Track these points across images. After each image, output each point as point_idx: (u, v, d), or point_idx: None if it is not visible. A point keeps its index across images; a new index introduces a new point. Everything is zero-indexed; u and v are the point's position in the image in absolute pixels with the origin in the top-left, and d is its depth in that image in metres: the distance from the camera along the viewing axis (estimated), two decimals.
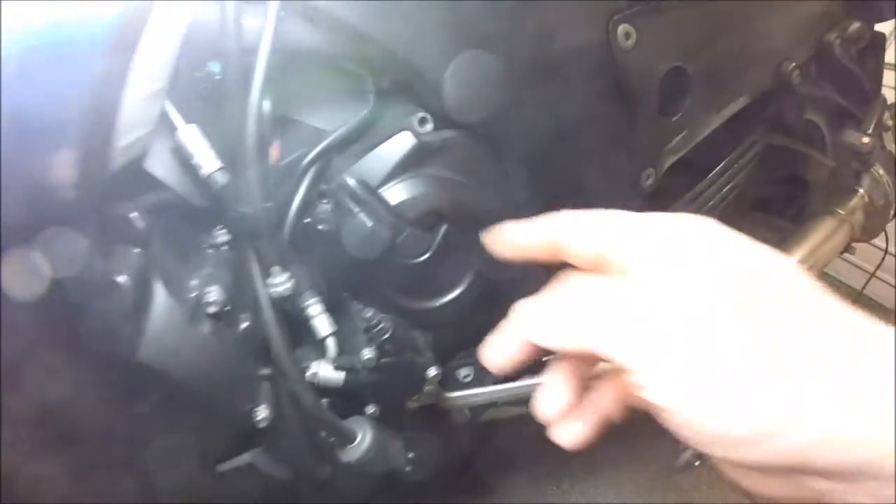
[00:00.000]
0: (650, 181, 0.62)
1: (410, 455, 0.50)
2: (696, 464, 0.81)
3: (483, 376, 0.58)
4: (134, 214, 0.36)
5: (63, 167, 0.29)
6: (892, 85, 1.09)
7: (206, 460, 0.42)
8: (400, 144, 0.45)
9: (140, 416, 0.38)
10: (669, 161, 0.64)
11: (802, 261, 0.75)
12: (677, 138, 0.63)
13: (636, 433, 0.32)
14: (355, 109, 0.45)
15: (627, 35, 0.53)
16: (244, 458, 0.43)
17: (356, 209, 0.44)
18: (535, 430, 0.36)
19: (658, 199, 0.66)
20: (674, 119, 0.61)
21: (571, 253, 0.27)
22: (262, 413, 0.42)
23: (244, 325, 0.41)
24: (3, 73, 0.25)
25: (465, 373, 0.58)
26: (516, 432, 0.77)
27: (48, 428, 0.36)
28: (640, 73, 0.55)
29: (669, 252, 0.25)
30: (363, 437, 0.45)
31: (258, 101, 0.37)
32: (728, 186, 0.74)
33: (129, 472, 0.40)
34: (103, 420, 0.37)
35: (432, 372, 0.48)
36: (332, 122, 0.45)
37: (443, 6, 0.42)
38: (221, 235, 0.42)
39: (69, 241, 0.32)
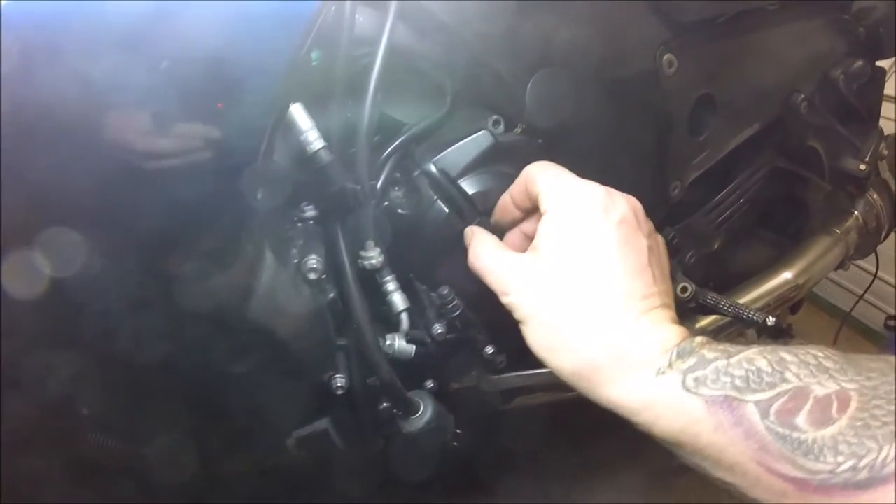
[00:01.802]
0: (676, 192, 0.69)
1: (458, 432, 0.55)
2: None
3: (514, 364, 0.63)
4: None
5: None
6: (891, 116, 1.20)
7: (285, 425, 0.46)
8: (478, 142, 0.50)
9: (236, 376, 0.41)
10: (693, 175, 0.71)
11: (801, 273, 0.83)
12: (701, 156, 0.71)
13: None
14: (433, 108, 0.51)
15: (671, 63, 0.61)
16: (321, 424, 0.47)
17: (435, 197, 0.49)
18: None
19: (681, 208, 0.73)
20: (700, 139, 0.69)
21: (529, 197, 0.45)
22: (340, 381, 0.46)
23: (331, 295, 0.45)
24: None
25: (500, 359, 0.62)
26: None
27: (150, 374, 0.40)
28: (677, 97, 0.64)
29: (561, 227, 0.42)
30: (425, 409, 0.49)
31: (375, 91, 0.41)
32: (740, 202, 0.82)
33: (214, 431, 0.43)
34: (201, 377, 0.41)
35: (489, 350, 0.53)
36: (411, 116, 0.51)
37: (531, 28, 0.48)
38: (309, 210, 0.47)
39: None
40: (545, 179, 0.45)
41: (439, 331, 0.48)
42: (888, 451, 0.31)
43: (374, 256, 0.44)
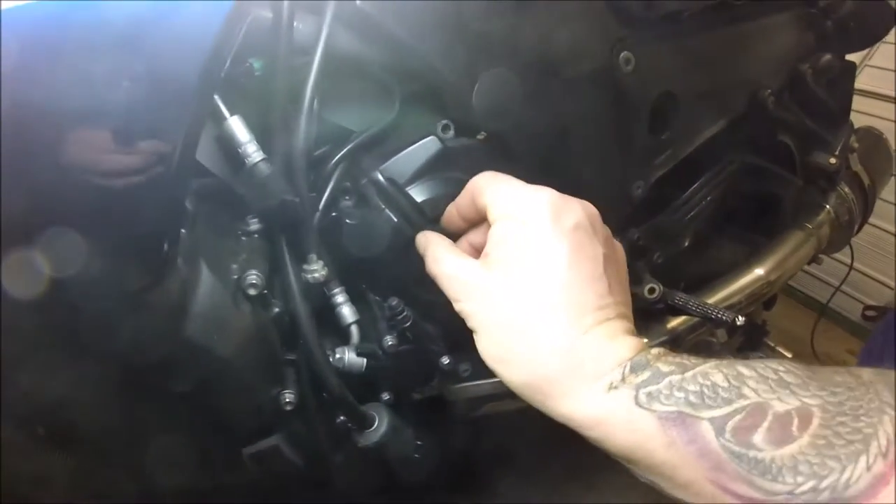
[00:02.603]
0: (640, 191, 0.69)
1: (419, 443, 0.55)
2: None
3: (481, 371, 0.63)
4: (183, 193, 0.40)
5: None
6: (890, 117, 1.21)
7: (234, 442, 0.45)
8: (426, 148, 0.50)
9: (178, 395, 0.41)
10: (657, 174, 0.71)
11: (773, 269, 0.83)
12: (664, 155, 0.71)
13: None
14: (381, 114, 0.50)
15: (628, 61, 0.60)
16: (270, 440, 0.47)
17: (383, 206, 0.48)
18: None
19: (647, 207, 0.73)
20: (662, 137, 0.69)
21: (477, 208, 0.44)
22: (288, 396, 0.46)
23: (275, 310, 0.45)
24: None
25: (464, 367, 0.62)
26: (515, 432, 0.82)
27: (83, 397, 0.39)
28: (635, 95, 0.63)
29: (508, 238, 0.41)
30: (380, 422, 0.49)
31: (311, 100, 0.41)
32: (707, 200, 0.82)
33: (161, 450, 0.43)
34: (142, 396, 0.41)
35: (445, 360, 0.53)
36: (359, 123, 0.50)
37: (474, 28, 0.48)
38: (254, 224, 0.46)
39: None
40: (493, 190, 0.43)
41: (390, 343, 0.48)
42: (851, 471, 0.30)
43: (317, 270, 0.44)
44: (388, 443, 0.49)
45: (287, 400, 0.45)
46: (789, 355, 1.16)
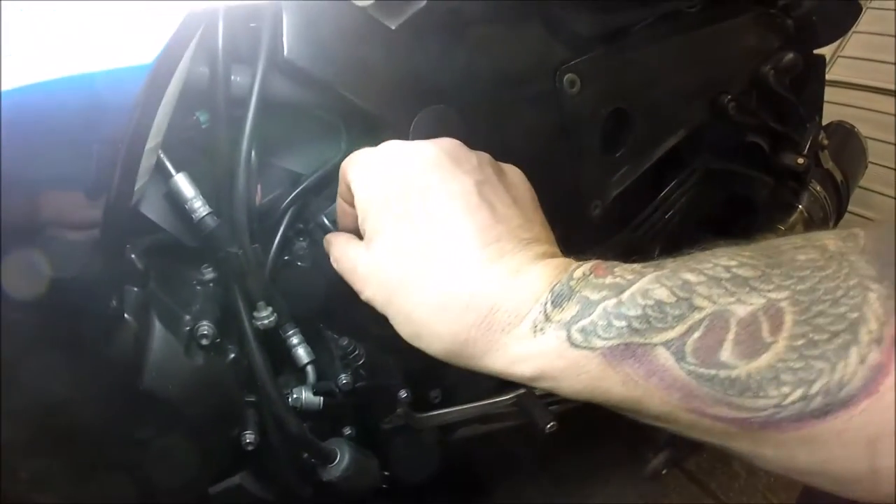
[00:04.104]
0: (597, 211, 0.72)
1: (386, 473, 0.58)
2: (664, 472, 0.90)
3: (452, 396, 0.66)
4: (133, 256, 0.43)
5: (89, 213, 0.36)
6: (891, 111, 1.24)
7: (198, 483, 0.49)
8: None
9: (140, 441, 0.44)
10: (614, 192, 0.74)
11: None
12: (620, 172, 0.73)
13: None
14: (330, 154, 0.53)
15: (573, 83, 0.63)
16: (233, 479, 0.50)
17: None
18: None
19: (607, 225, 0.76)
20: (617, 155, 0.71)
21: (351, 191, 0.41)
22: (249, 437, 0.49)
23: (231, 355, 0.48)
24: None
25: (434, 394, 0.66)
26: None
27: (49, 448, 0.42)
28: (584, 116, 0.66)
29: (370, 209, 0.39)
30: (342, 457, 0.52)
31: (248, 151, 0.44)
32: (672, 210, 0.85)
33: (125, 496, 0.46)
34: (105, 445, 0.44)
35: (403, 394, 0.56)
36: (308, 165, 0.54)
37: (407, 67, 0.51)
38: (208, 273, 0.49)
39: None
40: (350, 165, 0.41)
41: (344, 381, 0.51)
42: (843, 368, 0.26)
43: (266, 317, 0.47)
44: (351, 476, 0.52)
45: (248, 440, 0.48)
46: None
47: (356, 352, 0.52)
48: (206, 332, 0.45)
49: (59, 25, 0.29)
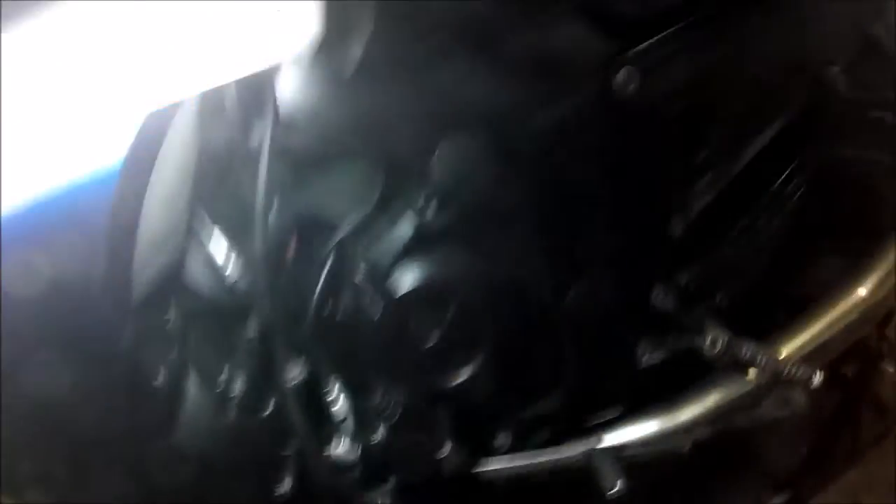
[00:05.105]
0: (680, 229, 0.64)
1: None
2: None
3: (521, 443, 0.63)
4: (168, 319, 0.47)
5: None
6: None
7: None
8: (404, 228, 0.52)
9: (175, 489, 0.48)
10: (701, 202, 0.64)
11: (880, 285, 0.71)
12: (706, 178, 0.64)
13: None
14: (366, 198, 0.54)
15: (629, 79, 0.53)
16: None
17: (369, 296, 0.52)
18: None
19: (696, 244, 0.67)
20: (697, 159, 0.63)
21: None
22: (284, 487, 0.51)
23: (269, 410, 0.51)
24: None
25: (501, 440, 0.63)
26: None
27: None
28: (649, 117, 0.56)
29: None
30: None
31: (263, 212, 0.46)
32: (779, 217, 0.73)
33: None
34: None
35: (446, 450, 0.54)
36: (346, 213, 0.54)
37: (424, 97, 0.48)
38: (251, 330, 0.52)
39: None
40: None
41: (378, 437, 0.52)
42: None
43: (294, 377, 0.49)
44: None
45: (282, 490, 0.51)
46: None
47: (390, 406, 0.52)
48: (237, 389, 0.48)
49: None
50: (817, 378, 0.59)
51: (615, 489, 0.55)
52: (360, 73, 0.46)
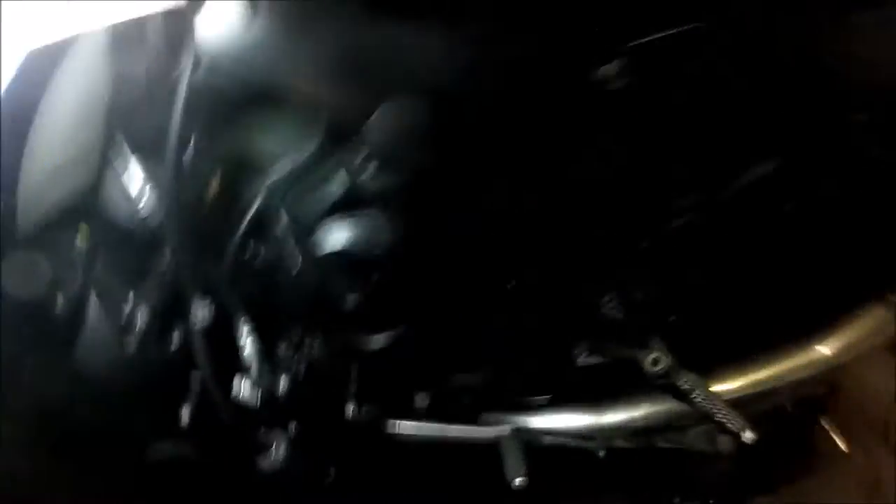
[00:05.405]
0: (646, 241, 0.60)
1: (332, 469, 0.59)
2: None
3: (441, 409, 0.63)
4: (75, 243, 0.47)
5: None
6: None
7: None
8: (335, 187, 0.51)
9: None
10: (675, 223, 0.58)
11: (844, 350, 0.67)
12: (685, 199, 0.59)
13: None
14: (300, 148, 0.51)
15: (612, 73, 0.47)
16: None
17: (290, 248, 0.51)
18: None
19: (662, 261, 0.63)
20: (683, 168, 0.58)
21: None
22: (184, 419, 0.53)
23: (174, 345, 0.52)
24: None
25: (419, 403, 0.63)
26: None
27: None
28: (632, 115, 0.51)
29: None
30: (277, 449, 0.55)
31: (176, 147, 0.44)
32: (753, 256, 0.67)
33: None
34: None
35: (352, 406, 0.56)
36: (276, 159, 0.52)
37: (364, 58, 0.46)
38: (163, 263, 0.52)
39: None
40: None
41: (284, 385, 0.53)
42: None
43: (204, 318, 0.49)
44: (286, 468, 0.55)
45: (182, 423, 0.53)
46: None
47: (299, 352, 0.53)
48: (141, 319, 0.49)
49: None
50: (749, 435, 0.56)
51: (519, 481, 0.55)
52: (290, 19, 0.43)
